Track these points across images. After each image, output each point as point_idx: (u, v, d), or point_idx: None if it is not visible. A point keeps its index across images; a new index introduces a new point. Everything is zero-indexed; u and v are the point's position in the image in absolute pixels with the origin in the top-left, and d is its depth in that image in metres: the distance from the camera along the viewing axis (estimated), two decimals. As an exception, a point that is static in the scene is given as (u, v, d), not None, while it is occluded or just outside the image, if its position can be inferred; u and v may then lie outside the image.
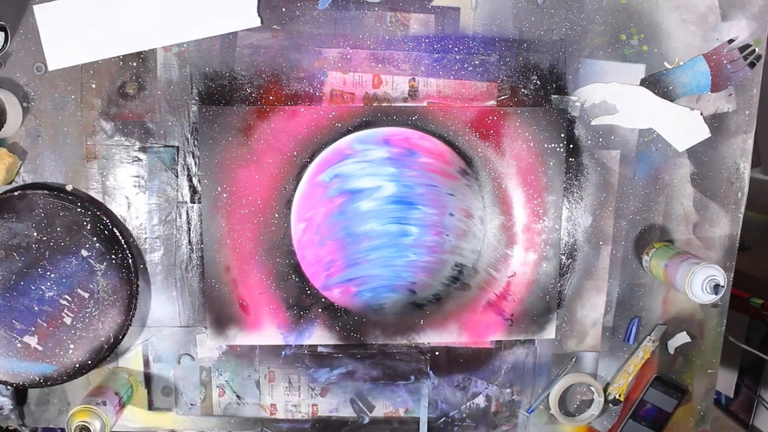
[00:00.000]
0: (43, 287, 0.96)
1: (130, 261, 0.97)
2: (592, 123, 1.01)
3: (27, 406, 1.03)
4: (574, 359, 1.07)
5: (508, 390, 1.08)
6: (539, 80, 0.99)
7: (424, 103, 0.99)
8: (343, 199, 0.99)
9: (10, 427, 1.02)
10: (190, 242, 1.00)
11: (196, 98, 0.97)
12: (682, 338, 1.08)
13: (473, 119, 0.99)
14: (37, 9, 0.93)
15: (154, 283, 1.01)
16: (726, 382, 1.35)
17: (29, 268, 0.95)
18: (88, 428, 0.90)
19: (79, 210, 0.95)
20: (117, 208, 0.99)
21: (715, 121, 1.02)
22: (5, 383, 0.98)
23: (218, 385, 1.05)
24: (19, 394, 1.02)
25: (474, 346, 1.06)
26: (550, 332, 1.06)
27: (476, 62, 0.98)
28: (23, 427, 1.03)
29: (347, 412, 1.08)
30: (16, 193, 0.95)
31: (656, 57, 1.00)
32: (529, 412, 1.09)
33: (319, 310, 1.02)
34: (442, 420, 1.08)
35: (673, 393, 1.09)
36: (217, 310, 1.01)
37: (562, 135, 1.00)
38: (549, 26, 0.98)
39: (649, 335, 1.07)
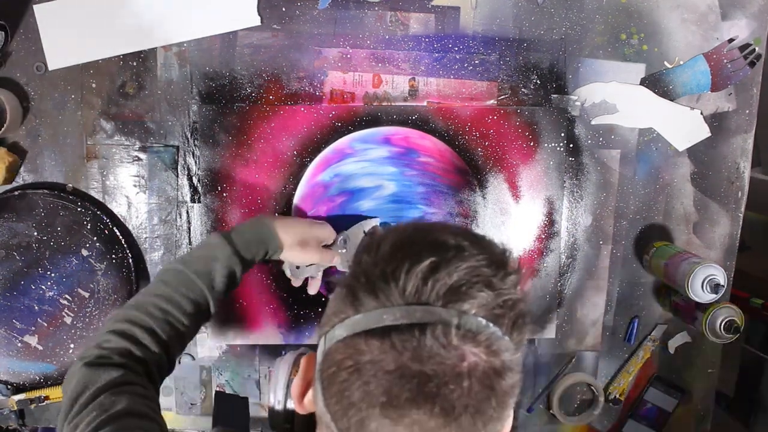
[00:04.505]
0: (43, 287, 0.96)
1: (131, 260, 0.97)
2: (592, 122, 1.01)
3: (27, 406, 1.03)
4: (574, 359, 1.07)
5: (509, 389, 1.08)
6: (539, 79, 0.99)
7: (424, 103, 0.99)
8: (343, 198, 0.99)
9: (10, 427, 1.02)
10: (190, 242, 1.00)
11: (196, 98, 0.97)
12: (682, 338, 1.08)
13: (473, 118, 0.99)
14: (37, 9, 0.93)
15: (154, 282, 1.01)
16: (726, 382, 1.35)
17: (29, 267, 0.95)
18: None
19: (79, 209, 0.95)
20: (117, 207, 0.99)
21: (715, 121, 1.02)
22: (6, 383, 0.98)
23: (218, 385, 1.04)
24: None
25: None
26: (550, 332, 1.05)
27: (476, 62, 0.98)
28: (23, 427, 1.03)
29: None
30: (16, 193, 0.95)
31: (656, 56, 1.00)
32: (529, 411, 1.09)
33: (320, 309, 1.02)
34: (442, 420, 1.08)
35: (673, 393, 1.09)
36: (217, 310, 1.00)
37: (562, 134, 1.00)
38: (549, 26, 0.98)
39: (650, 335, 1.07)
